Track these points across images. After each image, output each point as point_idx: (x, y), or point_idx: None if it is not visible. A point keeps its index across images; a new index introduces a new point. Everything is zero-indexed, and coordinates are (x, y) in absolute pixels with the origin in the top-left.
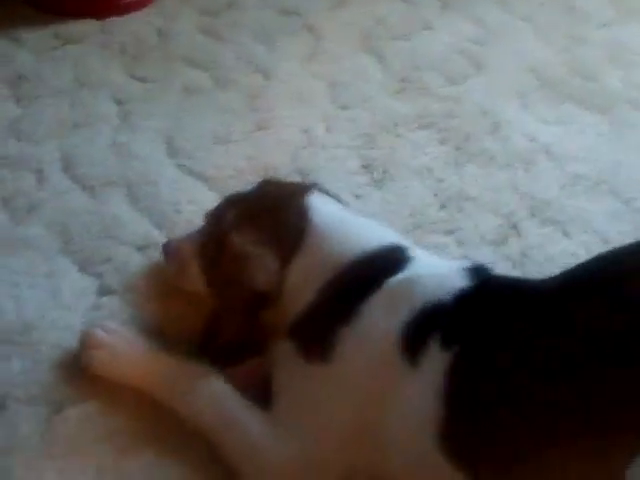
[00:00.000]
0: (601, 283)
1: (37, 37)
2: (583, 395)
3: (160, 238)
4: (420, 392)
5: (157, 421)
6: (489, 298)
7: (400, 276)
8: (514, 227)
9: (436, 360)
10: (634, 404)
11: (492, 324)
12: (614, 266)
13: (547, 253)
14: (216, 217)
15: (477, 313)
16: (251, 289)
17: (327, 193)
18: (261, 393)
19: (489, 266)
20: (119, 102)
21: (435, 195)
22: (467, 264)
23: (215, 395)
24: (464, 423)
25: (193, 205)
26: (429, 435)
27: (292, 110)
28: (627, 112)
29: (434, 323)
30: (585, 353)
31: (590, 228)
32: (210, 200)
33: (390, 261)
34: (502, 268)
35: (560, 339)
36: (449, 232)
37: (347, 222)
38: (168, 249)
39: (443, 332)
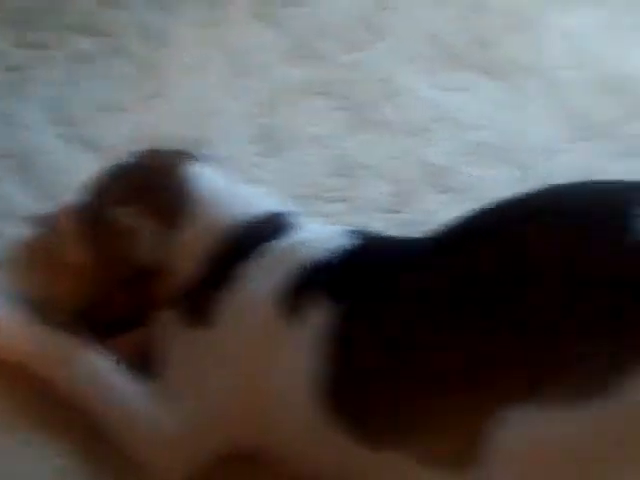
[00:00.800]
0: (477, 236)
1: None
2: (455, 349)
3: (47, 210)
4: (303, 350)
5: (34, 396)
6: (370, 255)
7: (281, 241)
8: (409, 195)
9: (318, 318)
10: (503, 361)
11: (372, 280)
12: (490, 220)
13: (442, 220)
14: (96, 190)
15: (357, 270)
16: (134, 263)
17: (211, 161)
18: (146, 364)
19: (376, 231)
20: (7, 70)
21: (331, 163)
22: (350, 228)
23: (95, 367)
24: (347, 379)
25: (82, 176)
26: (314, 394)
27: (187, 78)
28: (524, 79)
29: (315, 282)
30: (459, 307)
31: (486, 196)
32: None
33: (272, 227)
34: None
35: (437, 291)
36: (344, 200)
37: (229, 190)
38: (44, 221)
39: (324, 289)
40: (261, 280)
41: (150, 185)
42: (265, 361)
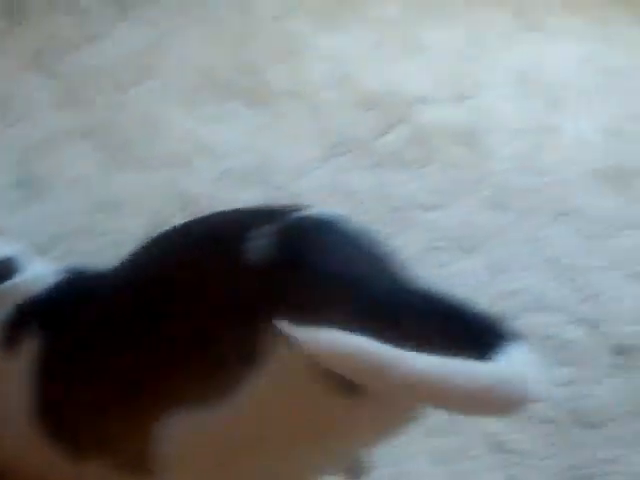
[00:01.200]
0: (135, 263)
1: None
2: (119, 362)
3: None
4: (19, 380)
5: None
6: (73, 289)
7: (7, 283)
8: (163, 225)
9: (30, 348)
10: (157, 372)
11: (71, 309)
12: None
13: None
14: None
15: (61, 303)
16: None
17: None
18: None
19: (86, 265)
20: None
21: (90, 203)
22: (66, 265)
23: None
24: (51, 401)
25: None
26: (30, 418)
27: None
28: (286, 104)
29: (29, 317)
30: (119, 328)
31: None
32: None
33: (1, 271)
34: None
35: (114, 314)
36: (101, 236)
37: None
38: None
39: (35, 322)
40: None
41: None
42: None
